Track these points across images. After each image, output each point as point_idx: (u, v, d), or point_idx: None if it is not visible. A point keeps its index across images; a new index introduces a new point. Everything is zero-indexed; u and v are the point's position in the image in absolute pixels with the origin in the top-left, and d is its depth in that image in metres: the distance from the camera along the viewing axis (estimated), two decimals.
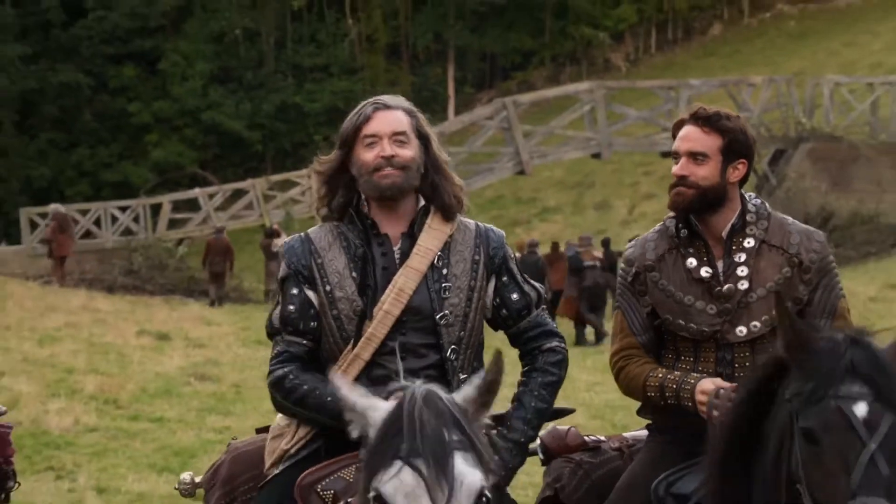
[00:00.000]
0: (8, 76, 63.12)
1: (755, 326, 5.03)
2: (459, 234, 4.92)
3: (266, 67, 67.74)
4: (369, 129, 4.76)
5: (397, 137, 4.76)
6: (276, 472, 4.83)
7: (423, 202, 4.90)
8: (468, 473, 3.55)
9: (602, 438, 5.65)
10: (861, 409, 3.88)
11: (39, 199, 51.12)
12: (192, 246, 41.52)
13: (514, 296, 4.95)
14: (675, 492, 4.93)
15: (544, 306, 5.15)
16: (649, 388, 5.13)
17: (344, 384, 3.91)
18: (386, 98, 4.96)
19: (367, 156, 4.75)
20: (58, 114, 65.22)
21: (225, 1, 68.04)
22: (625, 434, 5.85)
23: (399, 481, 3.53)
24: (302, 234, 5.02)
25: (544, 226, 46.68)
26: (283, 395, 4.81)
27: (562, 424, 5.69)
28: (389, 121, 4.80)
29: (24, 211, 44.16)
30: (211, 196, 43.29)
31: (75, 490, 13.04)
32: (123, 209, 43.28)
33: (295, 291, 4.87)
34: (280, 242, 36.02)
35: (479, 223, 5.03)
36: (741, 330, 5.03)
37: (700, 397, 4.93)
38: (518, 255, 13.05)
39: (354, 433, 3.87)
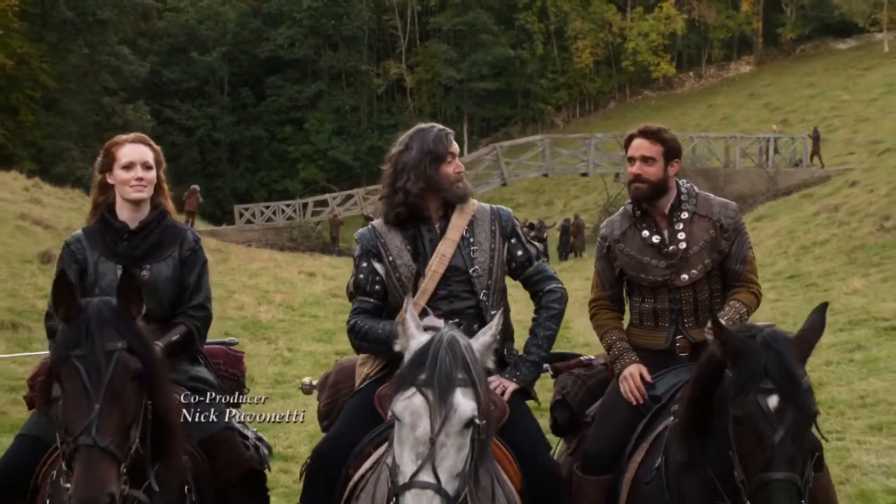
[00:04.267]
0: (225, 133, 62.54)
1: (693, 274, 4.32)
2: (479, 214, 4.15)
3: (362, 126, 65.94)
4: (454, 150, 4.11)
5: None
6: (360, 388, 4.17)
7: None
8: (463, 404, 2.92)
9: (592, 357, 4.85)
10: (773, 401, 3.23)
11: (241, 200, 50.58)
12: (323, 225, 40.23)
13: (520, 252, 4.19)
14: (651, 393, 4.23)
15: (545, 259, 4.39)
16: (603, 341, 4.45)
17: (412, 311, 3.25)
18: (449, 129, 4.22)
19: (454, 171, 4.09)
20: (250, 153, 63.59)
21: (339, 91, 66.45)
22: None
23: (409, 402, 2.94)
24: (369, 225, 4.23)
25: (516, 215, 44.05)
26: (354, 335, 4.12)
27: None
28: (455, 147, 4.15)
29: (235, 207, 43.73)
30: (334, 198, 41.79)
31: (277, 349, 13.22)
32: (288, 205, 42.11)
33: (364, 265, 4.13)
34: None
35: (492, 206, 4.28)
36: (684, 277, 4.31)
37: (625, 374, 4.26)
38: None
39: (397, 347, 3.29)
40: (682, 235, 4.32)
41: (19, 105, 48.35)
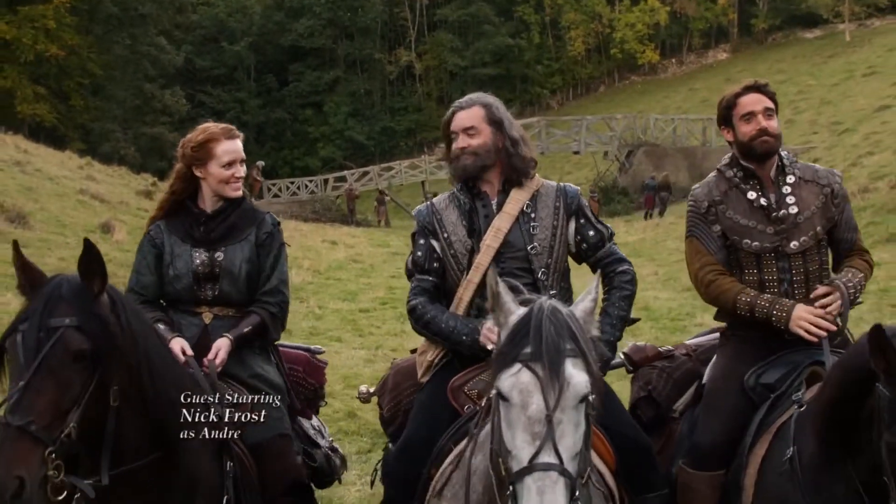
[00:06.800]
0: (251, 116, 61.51)
1: (804, 240, 3.64)
2: (544, 189, 3.59)
3: (375, 108, 65.77)
4: (452, 126, 3.61)
5: (468, 132, 3.55)
6: (426, 379, 3.64)
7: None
8: (576, 376, 2.36)
9: (671, 348, 4.22)
10: None
11: (267, 176, 45.69)
12: (342, 199, 39.30)
13: (591, 233, 3.61)
14: (763, 382, 3.58)
15: (614, 241, 3.72)
16: (739, 304, 3.61)
17: (500, 284, 2.57)
18: (465, 99, 3.67)
19: (454, 147, 3.61)
20: (274, 133, 63.59)
21: (355, 77, 66.26)
22: (685, 342, 4.35)
23: (516, 379, 2.37)
24: (428, 202, 3.76)
25: None
26: (415, 320, 3.62)
27: (639, 342, 4.28)
28: (463, 119, 3.57)
29: (263, 182, 41.15)
30: (352, 174, 41.34)
31: (309, 307, 13.25)
32: (311, 181, 42.19)
33: (422, 242, 3.66)
34: (382, 198, 36.66)
35: (559, 183, 3.70)
36: (794, 244, 3.63)
37: (800, 323, 3.50)
38: None
39: (489, 323, 2.88)
40: (791, 199, 3.69)
41: (70, 91, 49.08)
